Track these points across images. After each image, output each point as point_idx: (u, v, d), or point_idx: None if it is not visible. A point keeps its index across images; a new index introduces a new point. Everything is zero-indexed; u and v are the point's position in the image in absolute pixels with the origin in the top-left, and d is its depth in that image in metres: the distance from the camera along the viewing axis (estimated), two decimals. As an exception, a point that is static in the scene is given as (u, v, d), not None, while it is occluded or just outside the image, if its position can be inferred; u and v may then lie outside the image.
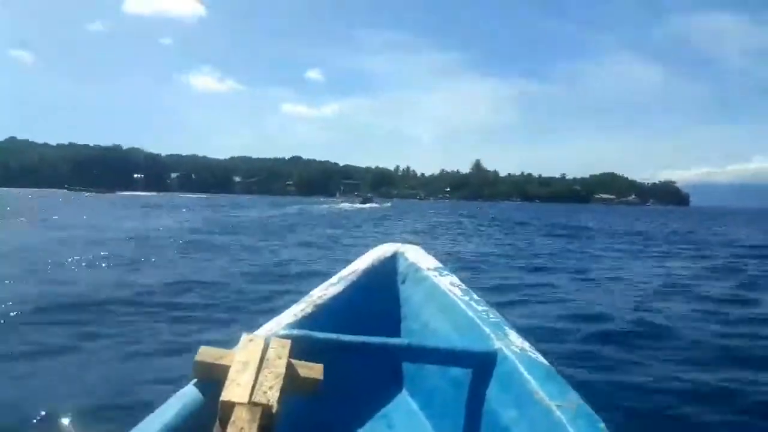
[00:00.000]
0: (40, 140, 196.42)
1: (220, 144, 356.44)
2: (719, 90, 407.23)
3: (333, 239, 17.12)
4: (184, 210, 38.31)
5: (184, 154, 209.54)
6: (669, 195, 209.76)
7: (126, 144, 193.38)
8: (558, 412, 1.29)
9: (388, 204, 74.13)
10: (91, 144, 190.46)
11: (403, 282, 2.17)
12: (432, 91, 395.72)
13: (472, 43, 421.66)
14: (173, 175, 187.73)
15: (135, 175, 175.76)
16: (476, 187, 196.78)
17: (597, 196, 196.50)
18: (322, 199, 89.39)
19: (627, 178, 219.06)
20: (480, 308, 1.83)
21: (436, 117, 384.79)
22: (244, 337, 1.39)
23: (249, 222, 25.61)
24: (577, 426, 1.24)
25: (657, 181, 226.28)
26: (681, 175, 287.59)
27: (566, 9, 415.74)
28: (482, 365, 1.58)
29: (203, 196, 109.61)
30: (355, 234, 20.32)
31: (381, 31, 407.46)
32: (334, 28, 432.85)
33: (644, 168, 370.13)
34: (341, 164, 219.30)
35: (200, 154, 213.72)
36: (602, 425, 1.24)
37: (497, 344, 1.60)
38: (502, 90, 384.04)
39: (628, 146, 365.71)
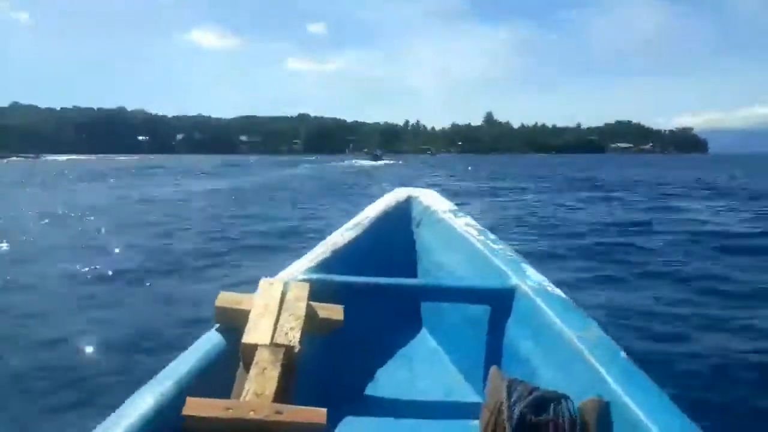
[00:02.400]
0: (43, 104, 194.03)
1: (225, 103, 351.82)
2: (726, 32, 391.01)
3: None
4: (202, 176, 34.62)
5: (189, 114, 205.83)
6: (687, 142, 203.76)
7: (131, 106, 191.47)
8: (578, 342, 1.28)
9: (400, 162, 70.74)
10: (95, 107, 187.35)
11: (418, 225, 2.17)
12: (438, 41, 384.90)
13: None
14: (178, 136, 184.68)
15: (140, 138, 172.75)
16: (489, 140, 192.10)
17: (614, 145, 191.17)
18: (333, 158, 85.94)
19: (643, 125, 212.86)
20: (496, 247, 1.82)
21: (443, 68, 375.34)
22: (263, 281, 1.40)
23: (261, 186, 22.51)
24: (597, 355, 1.23)
25: (674, 128, 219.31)
26: (692, 121, 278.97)
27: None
28: (500, 301, 1.59)
29: (212, 157, 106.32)
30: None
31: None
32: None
33: (656, 115, 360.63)
34: (349, 120, 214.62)
35: (205, 113, 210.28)
36: (623, 354, 1.24)
37: (514, 280, 1.61)
38: (510, 38, 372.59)
39: (638, 92, 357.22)
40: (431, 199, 2.26)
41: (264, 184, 23.23)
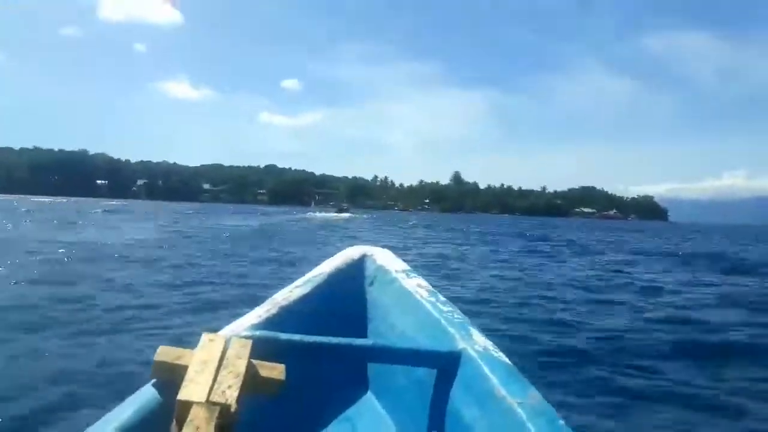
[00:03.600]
0: (2, 144, 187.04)
1: (193, 152, 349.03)
2: (689, 106, 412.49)
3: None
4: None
5: (155, 160, 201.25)
6: (648, 209, 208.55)
7: (94, 150, 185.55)
8: (519, 410, 1.32)
9: (365, 216, 68.21)
10: (56, 149, 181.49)
11: (371, 284, 2.14)
12: (409, 102, 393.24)
13: (449, 55, 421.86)
14: (139, 182, 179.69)
15: (98, 182, 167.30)
16: (457, 199, 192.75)
17: (577, 209, 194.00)
18: (295, 210, 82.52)
19: (607, 191, 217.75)
20: (445, 309, 1.83)
21: (413, 128, 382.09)
22: (204, 336, 1.36)
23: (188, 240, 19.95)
24: (536, 423, 1.28)
25: (636, 195, 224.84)
26: (653, 189, 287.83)
27: (539, 22, 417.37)
28: (447, 365, 1.60)
29: (170, 204, 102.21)
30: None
31: (357, 42, 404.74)
32: (312, 38, 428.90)
33: (616, 182, 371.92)
34: (317, 173, 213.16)
35: (171, 161, 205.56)
36: (561, 422, 1.28)
37: (461, 344, 1.62)
38: (478, 102, 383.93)
39: (602, 160, 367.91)
40: (385, 259, 2.21)
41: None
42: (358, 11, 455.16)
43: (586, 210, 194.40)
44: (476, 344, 1.61)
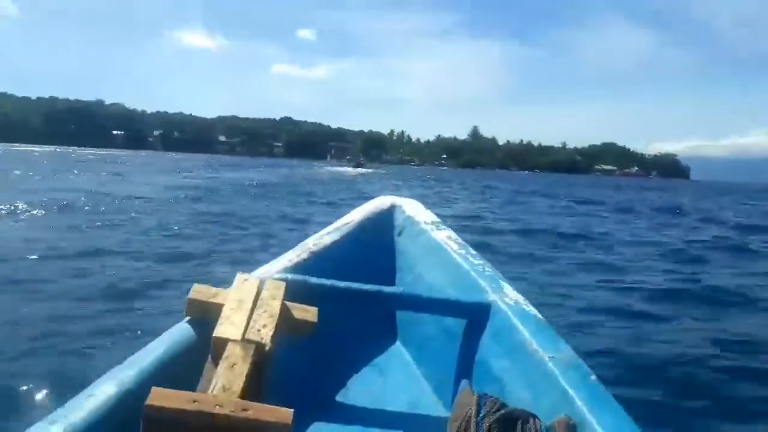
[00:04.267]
0: (20, 94, 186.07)
1: (208, 103, 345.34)
2: (713, 60, 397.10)
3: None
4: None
5: (171, 111, 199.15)
6: (670, 168, 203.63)
7: (110, 100, 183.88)
8: (550, 364, 1.30)
9: (382, 171, 66.42)
10: (72, 98, 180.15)
11: (400, 234, 2.15)
12: (426, 55, 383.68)
13: (466, 6, 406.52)
14: (155, 132, 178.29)
15: (114, 132, 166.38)
16: (474, 154, 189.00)
17: (598, 167, 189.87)
18: (315, 163, 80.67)
19: (628, 148, 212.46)
20: (476, 262, 1.83)
21: (430, 81, 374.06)
22: (239, 276, 1.37)
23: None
24: (568, 377, 1.25)
25: (657, 153, 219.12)
26: (674, 146, 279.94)
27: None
28: (476, 316, 1.59)
29: (180, 155, 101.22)
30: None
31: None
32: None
33: (638, 138, 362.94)
34: (333, 127, 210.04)
35: (187, 112, 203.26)
36: (594, 377, 1.25)
37: (491, 296, 1.61)
38: (496, 54, 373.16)
39: (624, 116, 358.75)
40: (414, 210, 2.22)
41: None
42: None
43: (606, 167, 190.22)
44: (507, 297, 1.59)
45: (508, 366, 1.40)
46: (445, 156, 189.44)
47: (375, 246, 2.07)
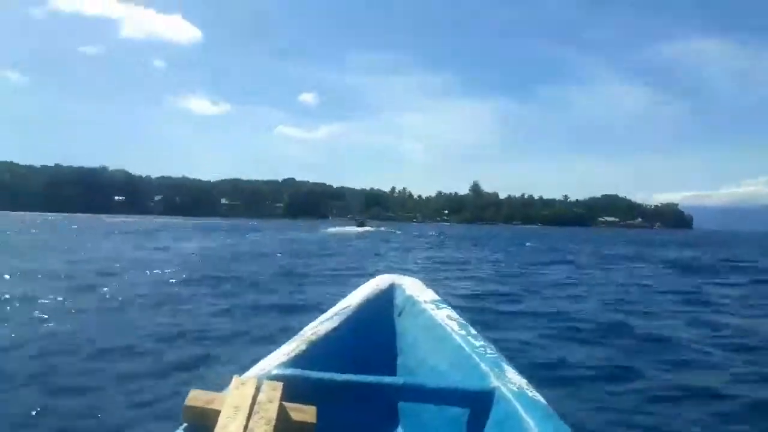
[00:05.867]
0: (24, 162, 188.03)
1: (211, 166, 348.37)
2: (706, 114, 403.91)
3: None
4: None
5: (173, 176, 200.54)
6: (673, 217, 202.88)
7: (113, 166, 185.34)
8: None
9: (383, 228, 65.36)
10: (75, 166, 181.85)
11: (400, 314, 2.14)
12: (426, 113, 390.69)
13: (463, 65, 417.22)
14: (156, 197, 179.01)
15: (116, 198, 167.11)
16: (476, 209, 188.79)
17: (601, 219, 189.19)
18: (320, 225, 79.25)
19: (629, 200, 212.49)
20: (477, 344, 1.80)
21: (430, 138, 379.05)
22: (235, 380, 1.38)
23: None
24: None
25: (658, 204, 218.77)
26: (673, 197, 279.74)
27: (552, 33, 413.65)
28: (479, 404, 1.56)
29: (178, 219, 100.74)
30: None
31: (372, 53, 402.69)
32: (328, 52, 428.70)
33: (637, 191, 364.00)
34: (335, 186, 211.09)
35: (190, 176, 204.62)
36: None
37: (495, 382, 1.58)
38: (494, 111, 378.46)
39: (621, 169, 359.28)
40: (414, 288, 2.21)
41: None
42: (373, 23, 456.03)
43: (609, 219, 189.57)
44: (510, 383, 1.57)
45: None
46: (446, 212, 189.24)
47: (375, 329, 2.04)
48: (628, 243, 45.30)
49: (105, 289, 9.26)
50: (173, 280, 10.80)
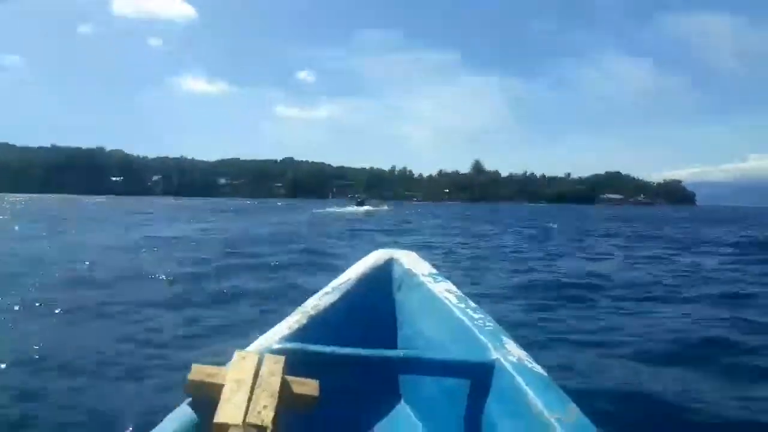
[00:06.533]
0: (21, 143, 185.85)
1: (210, 147, 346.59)
2: (711, 89, 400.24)
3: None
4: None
5: (172, 156, 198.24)
6: (676, 194, 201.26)
7: (111, 147, 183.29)
8: (557, 425, 1.30)
9: (385, 207, 63.27)
10: (72, 147, 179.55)
11: (399, 289, 2.15)
12: (426, 91, 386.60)
13: (465, 43, 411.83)
14: (155, 177, 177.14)
15: (113, 178, 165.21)
16: (478, 188, 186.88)
17: (604, 196, 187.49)
18: (315, 205, 76.75)
19: (633, 176, 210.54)
20: (476, 316, 1.83)
21: (431, 117, 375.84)
22: (237, 353, 1.39)
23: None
24: None
25: (661, 180, 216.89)
26: (678, 174, 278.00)
27: (556, 11, 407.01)
28: (480, 376, 1.59)
29: (176, 200, 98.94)
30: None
31: (372, 31, 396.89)
32: (325, 29, 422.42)
33: (640, 167, 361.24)
34: (335, 165, 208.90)
35: (188, 156, 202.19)
36: None
37: (494, 354, 1.61)
38: (496, 90, 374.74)
39: (625, 145, 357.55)
40: (412, 262, 2.23)
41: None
42: (373, 1, 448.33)
43: (612, 196, 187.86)
44: (510, 354, 1.59)
45: (515, 427, 1.39)
46: (448, 190, 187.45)
47: (375, 303, 2.05)
48: (652, 222, 42.84)
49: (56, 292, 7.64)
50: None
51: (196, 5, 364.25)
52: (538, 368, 1.52)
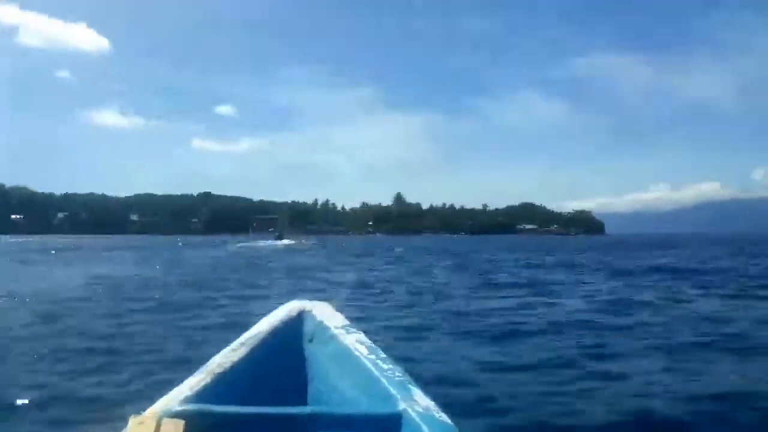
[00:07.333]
0: None
1: (124, 183, 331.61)
2: (615, 125, 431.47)
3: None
4: None
5: (81, 193, 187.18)
6: (587, 224, 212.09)
7: (12, 183, 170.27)
8: None
9: (303, 241, 62.18)
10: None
11: (310, 341, 2.09)
12: (350, 126, 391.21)
13: (386, 80, 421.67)
14: (60, 215, 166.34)
15: (13, 217, 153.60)
16: (400, 220, 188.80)
17: (520, 226, 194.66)
18: (230, 238, 73.79)
19: (546, 207, 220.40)
20: (386, 367, 1.82)
21: (355, 152, 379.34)
22: (132, 420, 1.32)
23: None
24: None
25: (572, 210, 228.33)
26: (586, 204, 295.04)
27: (470, 48, 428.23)
28: (387, 429, 1.58)
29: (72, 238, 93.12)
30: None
31: (293, 67, 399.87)
32: (245, 63, 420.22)
33: (552, 198, 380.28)
34: (255, 200, 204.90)
35: (99, 192, 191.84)
36: None
37: (402, 405, 1.61)
38: (418, 125, 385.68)
39: (537, 177, 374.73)
40: (324, 314, 2.17)
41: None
42: (294, 35, 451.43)
43: (528, 226, 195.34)
44: (417, 405, 1.60)
45: None
46: (371, 223, 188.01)
47: (285, 358, 1.98)
48: (585, 250, 44.81)
49: None
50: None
51: (109, 36, 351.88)
52: (445, 417, 1.53)
